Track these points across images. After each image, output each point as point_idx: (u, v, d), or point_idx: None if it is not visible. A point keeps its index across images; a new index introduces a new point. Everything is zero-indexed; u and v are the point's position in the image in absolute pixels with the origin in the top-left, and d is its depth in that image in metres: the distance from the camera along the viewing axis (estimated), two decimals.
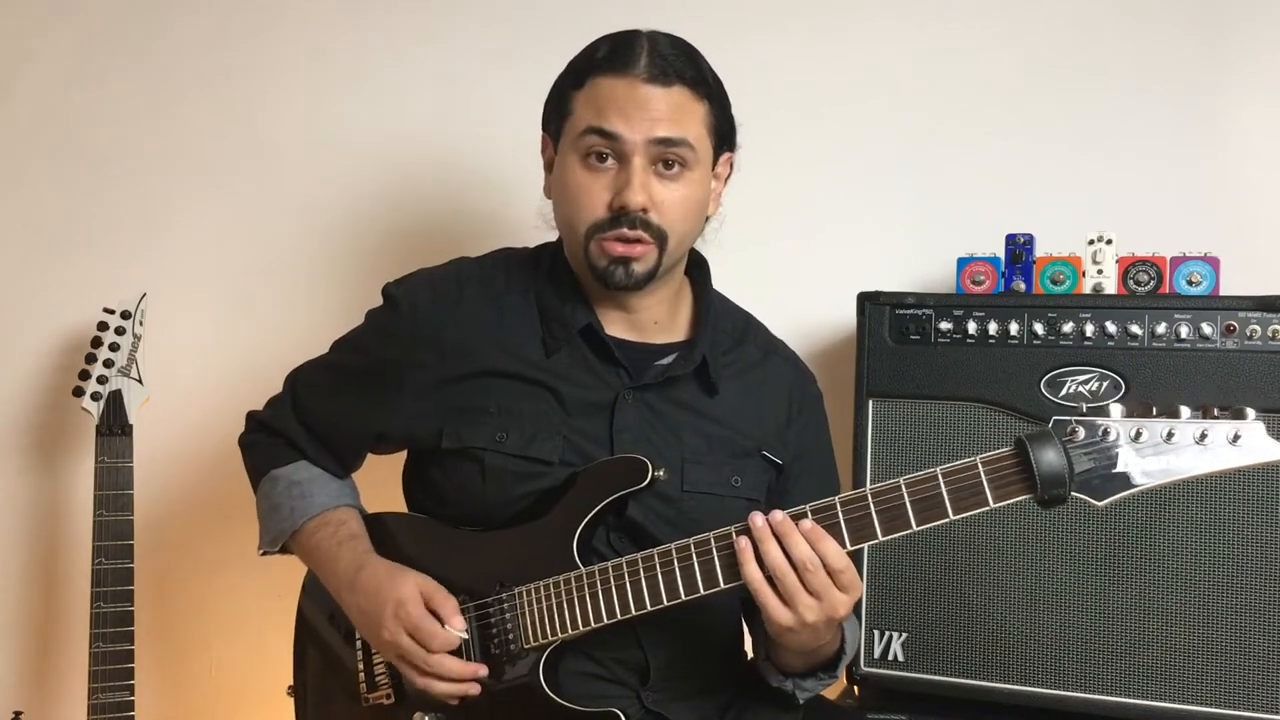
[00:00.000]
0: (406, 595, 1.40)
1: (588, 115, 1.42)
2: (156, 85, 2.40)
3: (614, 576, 1.36)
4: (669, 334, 1.55)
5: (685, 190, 1.43)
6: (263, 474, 1.60)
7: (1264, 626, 1.61)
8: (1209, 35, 2.00)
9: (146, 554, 2.13)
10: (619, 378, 1.49)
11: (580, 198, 1.43)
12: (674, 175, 1.42)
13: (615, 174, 1.41)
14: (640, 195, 1.40)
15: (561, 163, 1.47)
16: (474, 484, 1.47)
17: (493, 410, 1.47)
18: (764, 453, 1.54)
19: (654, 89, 1.39)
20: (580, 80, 1.44)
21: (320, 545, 1.52)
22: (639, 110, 1.39)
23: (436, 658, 1.38)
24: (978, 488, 1.24)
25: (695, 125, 1.43)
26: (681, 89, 1.41)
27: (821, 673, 1.46)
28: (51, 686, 2.35)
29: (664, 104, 1.40)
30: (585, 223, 1.43)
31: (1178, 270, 1.75)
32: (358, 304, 1.62)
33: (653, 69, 1.40)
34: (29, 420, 2.36)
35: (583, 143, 1.42)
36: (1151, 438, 1.20)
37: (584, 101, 1.43)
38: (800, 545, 1.26)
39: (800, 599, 1.27)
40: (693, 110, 1.42)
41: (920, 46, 2.14)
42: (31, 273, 2.39)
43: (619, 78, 1.40)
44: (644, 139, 1.39)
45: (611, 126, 1.39)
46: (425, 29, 2.34)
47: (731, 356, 1.56)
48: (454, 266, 1.58)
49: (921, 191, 2.13)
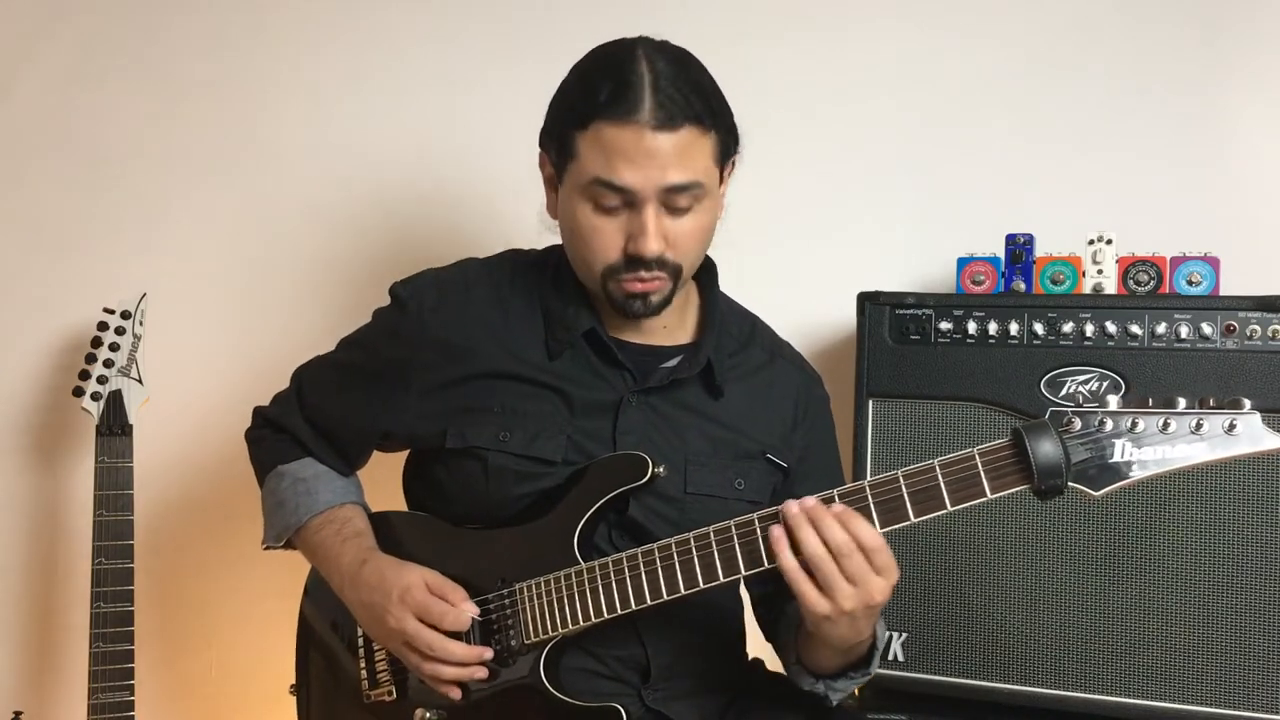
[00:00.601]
0: (412, 581, 1.41)
1: (594, 165, 1.36)
2: (157, 85, 2.40)
3: (614, 571, 1.36)
4: (675, 336, 1.54)
5: (698, 221, 1.41)
6: (268, 469, 1.61)
7: (1264, 626, 1.61)
8: (1209, 35, 2.00)
9: (146, 554, 2.13)
10: (623, 380, 1.49)
11: (593, 241, 1.41)
12: (686, 209, 1.39)
13: (627, 218, 1.39)
14: (656, 243, 1.37)
15: (568, 200, 1.42)
16: (477, 482, 1.47)
17: (496, 410, 1.47)
18: (768, 456, 1.53)
19: (662, 135, 1.34)
20: (583, 122, 1.37)
21: (324, 542, 1.52)
22: (648, 159, 1.34)
23: (441, 641, 1.38)
24: (975, 478, 1.24)
25: (704, 160, 1.39)
26: (689, 129, 1.36)
27: (854, 671, 1.44)
28: (51, 686, 2.35)
29: (673, 149, 1.35)
30: (599, 265, 1.42)
31: (1178, 270, 1.75)
32: (358, 303, 1.62)
33: (659, 114, 1.34)
34: (29, 420, 2.36)
35: (591, 191, 1.38)
36: (1148, 428, 1.20)
37: (588, 147, 1.37)
38: (835, 529, 1.24)
39: (838, 586, 1.24)
40: (701, 146, 1.38)
41: (920, 46, 2.14)
42: (31, 273, 2.39)
43: (624, 126, 1.34)
44: (655, 188, 1.36)
45: (621, 181, 1.35)
46: (426, 28, 2.34)
47: (738, 359, 1.56)
48: (461, 268, 1.58)
49: (921, 191, 2.13)
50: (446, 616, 1.39)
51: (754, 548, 1.31)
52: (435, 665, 1.39)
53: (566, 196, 1.43)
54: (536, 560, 1.41)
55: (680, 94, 1.35)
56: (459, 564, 1.46)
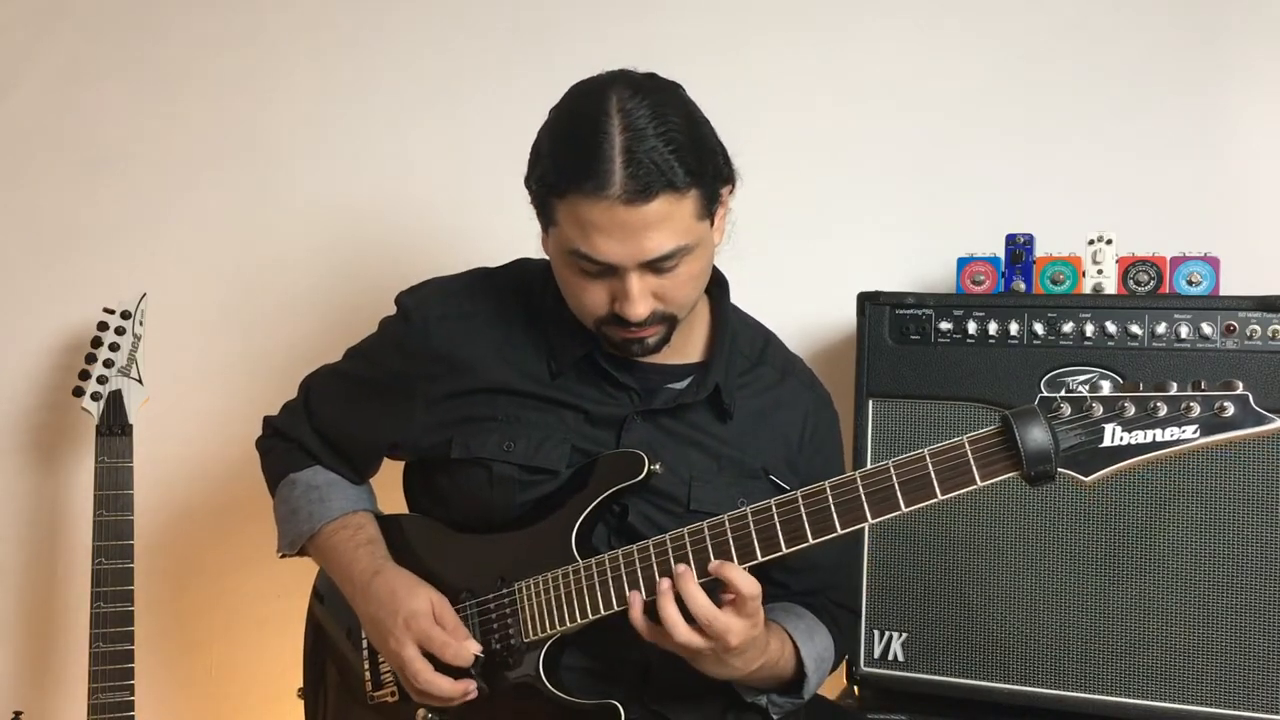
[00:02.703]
0: (419, 608, 1.42)
1: (572, 235, 1.33)
2: (157, 85, 2.40)
3: (610, 569, 1.36)
4: (683, 354, 1.52)
5: (687, 272, 1.37)
6: (280, 477, 1.62)
7: (1264, 626, 1.61)
8: (1209, 35, 2.00)
9: (146, 554, 2.13)
10: (629, 399, 1.49)
11: (581, 297, 1.39)
12: (673, 267, 1.35)
13: (611, 282, 1.35)
14: (641, 306, 1.35)
15: (555, 255, 1.40)
16: (481, 491, 1.47)
17: (500, 419, 1.47)
18: (771, 476, 1.52)
19: (635, 209, 1.28)
20: (556, 192, 1.33)
21: (337, 548, 1.53)
22: (624, 233, 1.30)
23: (428, 678, 1.39)
24: (964, 466, 1.23)
25: (685, 222, 1.33)
26: (664, 198, 1.29)
27: (777, 695, 1.47)
28: (51, 686, 2.35)
29: (649, 220, 1.30)
30: (590, 317, 1.41)
31: (1178, 270, 1.74)
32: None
33: (630, 186, 1.27)
34: (29, 420, 2.36)
35: (572, 260, 1.35)
36: (1139, 412, 1.18)
37: (565, 216, 1.33)
38: (699, 603, 1.28)
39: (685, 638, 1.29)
40: (681, 210, 1.32)
41: (920, 46, 2.14)
42: (31, 273, 2.39)
43: (596, 201, 1.28)
44: (634, 260, 1.32)
45: (599, 255, 1.32)
46: (427, 29, 2.33)
47: (748, 377, 1.54)
48: (468, 279, 1.57)
49: (921, 191, 2.13)
50: (447, 649, 1.39)
51: (748, 544, 1.31)
52: (422, 695, 1.42)
53: (553, 250, 1.41)
54: (535, 559, 1.41)
55: (652, 160, 1.28)
56: (458, 566, 1.46)
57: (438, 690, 1.40)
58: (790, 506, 1.30)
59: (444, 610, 1.43)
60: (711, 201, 1.38)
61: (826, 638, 1.52)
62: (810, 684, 1.47)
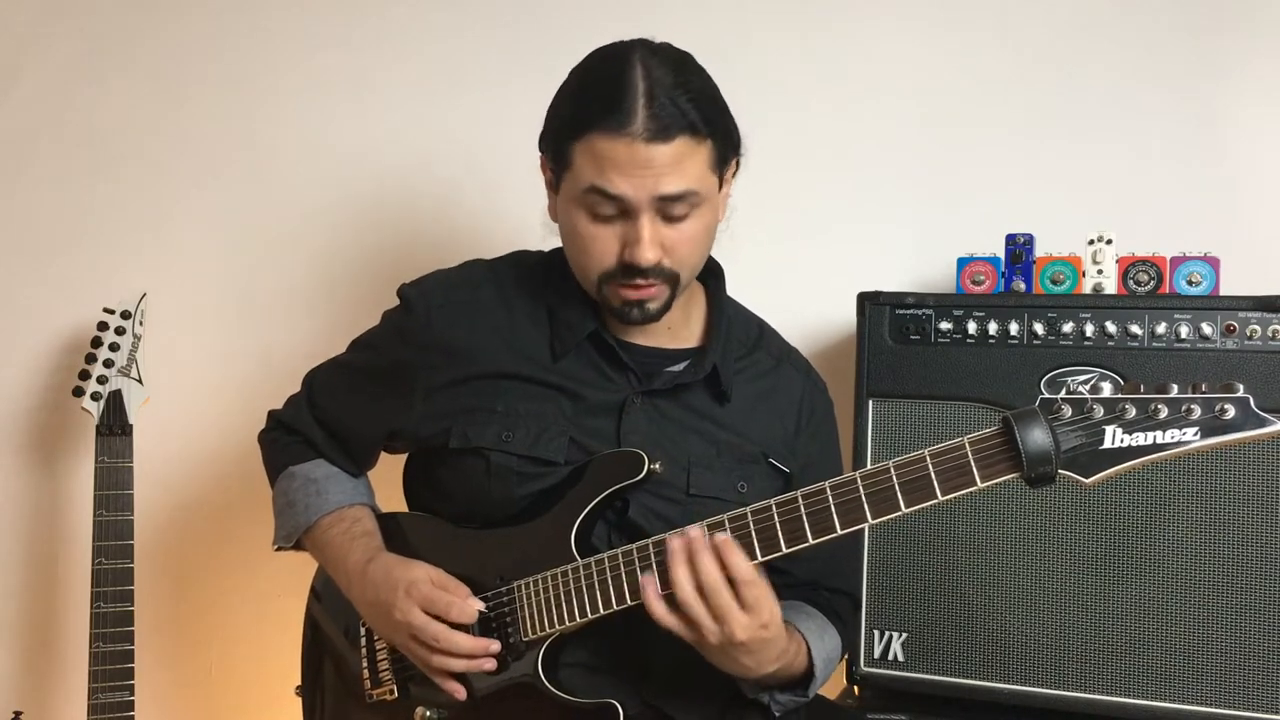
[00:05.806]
0: (417, 576, 1.42)
1: (588, 173, 1.37)
2: (157, 85, 2.40)
3: (610, 567, 1.36)
4: (681, 339, 1.55)
5: (695, 227, 1.41)
6: (280, 470, 1.63)
7: (1264, 626, 1.61)
8: (1208, 35, 2.00)
9: (146, 554, 2.13)
10: (628, 381, 1.50)
11: (589, 247, 1.42)
12: (683, 217, 1.39)
13: (623, 226, 1.39)
14: (651, 251, 1.38)
15: (566, 207, 1.44)
16: (479, 482, 1.47)
17: (499, 409, 1.48)
18: (770, 460, 1.53)
19: (655, 147, 1.34)
20: (577, 133, 1.38)
21: (333, 541, 1.53)
22: (641, 170, 1.35)
23: (447, 633, 1.38)
24: (965, 467, 1.23)
25: (700, 168, 1.39)
26: (683, 139, 1.35)
27: (780, 692, 1.46)
28: (51, 686, 2.35)
29: (667, 159, 1.35)
30: (596, 271, 1.43)
31: (1178, 270, 1.74)
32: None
33: (651, 125, 1.34)
34: (29, 420, 2.36)
35: (586, 199, 1.39)
36: (1140, 414, 1.18)
37: (583, 157, 1.38)
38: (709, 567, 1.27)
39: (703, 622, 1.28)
40: (696, 156, 1.38)
41: (920, 46, 2.13)
42: (31, 273, 2.39)
43: (616, 138, 1.34)
44: (649, 197, 1.36)
45: (615, 189, 1.36)
46: (427, 27, 2.34)
47: (744, 363, 1.56)
48: (468, 269, 1.59)
49: (921, 191, 2.13)
50: (452, 608, 1.39)
51: (748, 544, 1.30)
52: (442, 658, 1.40)
53: (564, 203, 1.44)
54: (535, 558, 1.41)
55: (674, 104, 1.35)
56: (459, 562, 1.46)
57: (459, 647, 1.38)
58: (790, 506, 1.30)
59: (442, 576, 1.43)
60: (723, 162, 1.43)
61: (835, 637, 1.52)
62: (816, 683, 1.47)
